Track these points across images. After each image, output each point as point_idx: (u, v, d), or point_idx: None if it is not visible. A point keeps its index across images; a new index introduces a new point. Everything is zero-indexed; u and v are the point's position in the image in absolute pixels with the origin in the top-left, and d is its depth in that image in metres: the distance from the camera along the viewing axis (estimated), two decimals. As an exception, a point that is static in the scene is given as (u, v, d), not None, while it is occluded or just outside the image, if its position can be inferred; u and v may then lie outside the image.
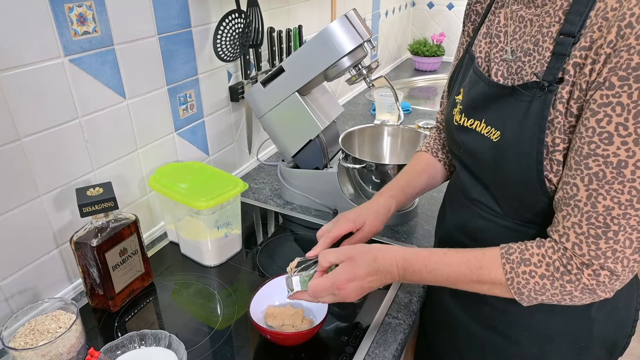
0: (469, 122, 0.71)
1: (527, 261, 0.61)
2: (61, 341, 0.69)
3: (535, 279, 0.60)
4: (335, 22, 0.96)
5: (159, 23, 0.96)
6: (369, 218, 0.80)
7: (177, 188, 0.93)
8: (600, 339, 0.72)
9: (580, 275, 0.58)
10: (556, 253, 0.59)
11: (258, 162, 1.42)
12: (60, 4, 0.77)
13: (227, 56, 1.12)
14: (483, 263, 0.63)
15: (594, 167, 0.54)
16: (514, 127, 0.63)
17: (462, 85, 0.75)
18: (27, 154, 0.78)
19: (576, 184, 0.56)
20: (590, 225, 0.56)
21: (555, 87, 0.58)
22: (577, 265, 0.58)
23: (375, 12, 2.10)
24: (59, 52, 0.79)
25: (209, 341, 0.80)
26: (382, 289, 0.92)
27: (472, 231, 0.77)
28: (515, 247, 0.63)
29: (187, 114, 1.11)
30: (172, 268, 0.99)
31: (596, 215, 0.55)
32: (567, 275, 0.58)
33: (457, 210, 0.82)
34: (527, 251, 0.61)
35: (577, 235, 0.57)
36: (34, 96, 0.77)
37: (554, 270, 0.59)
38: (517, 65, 0.65)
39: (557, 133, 0.59)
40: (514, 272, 0.61)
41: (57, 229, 0.86)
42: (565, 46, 0.57)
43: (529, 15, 0.64)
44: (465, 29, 0.82)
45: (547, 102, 0.59)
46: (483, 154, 0.69)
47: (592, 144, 0.54)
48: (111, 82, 0.90)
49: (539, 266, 0.60)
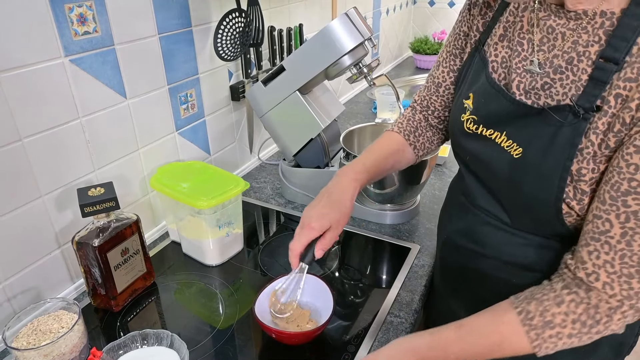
0: (487, 131, 0.67)
1: (551, 323, 0.56)
2: (63, 341, 0.69)
3: (564, 340, 0.56)
4: (335, 20, 0.96)
5: (159, 23, 0.96)
6: (334, 218, 0.74)
7: (178, 187, 0.93)
8: (608, 340, 0.71)
9: (609, 322, 0.55)
10: (579, 306, 0.55)
11: (259, 162, 1.42)
12: (60, 5, 0.77)
13: (228, 55, 1.11)
14: (504, 337, 0.58)
15: (634, 205, 0.51)
16: (538, 148, 0.60)
17: (471, 89, 0.72)
18: (29, 155, 0.78)
19: (610, 219, 0.53)
20: (623, 265, 0.53)
21: (591, 116, 0.55)
22: (605, 312, 0.55)
23: (376, 11, 2.09)
24: (60, 52, 0.79)
25: (211, 340, 0.80)
26: (383, 287, 0.92)
27: (477, 237, 0.75)
28: (532, 309, 0.57)
29: (188, 114, 1.11)
30: (173, 267, 0.99)
31: (631, 254, 0.52)
32: (596, 327, 0.55)
33: (460, 215, 0.80)
34: (547, 312, 0.56)
35: (608, 274, 0.54)
36: (34, 96, 0.77)
37: (581, 327, 0.55)
38: (543, 81, 0.60)
39: (584, 163, 0.56)
40: (540, 339, 0.56)
41: (58, 229, 0.86)
42: (607, 73, 0.53)
43: (560, 27, 0.58)
44: (474, 21, 0.75)
45: (580, 130, 0.55)
46: (499, 166, 0.66)
47: (633, 181, 0.51)
48: (112, 82, 0.90)
49: (564, 326, 0.56)
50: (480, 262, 0.76)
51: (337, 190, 0.77)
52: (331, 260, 1.00)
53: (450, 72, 0.81)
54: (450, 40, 0.81)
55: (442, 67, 0.82)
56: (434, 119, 0.89)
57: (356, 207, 1.12)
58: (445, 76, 0.82)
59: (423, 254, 1.00)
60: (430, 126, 0.90)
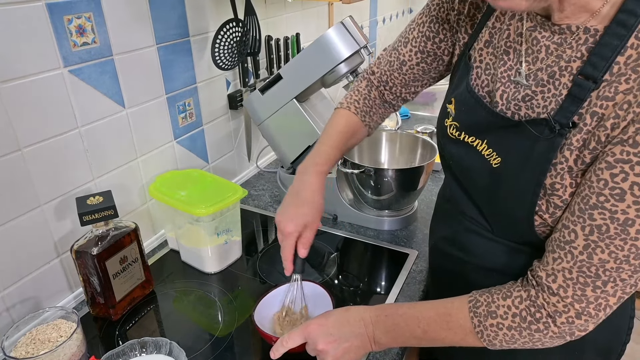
0: (469, 139, 0.67)
1: (494, 314, 0.60)
2: (62, 350, 0.69)
3: (504, 331, 0.60)
4: (331, 29, 0.97)
5: (157, 33, 0.97)
6: (308, 216, 0.76)
7: (177, 196, 0.93)
8: (594, 346, 0.71)
9: (550, 323, 0.57)
10: (523, 302, 0.59)
11: (258, 169, 1.43)
12: (59, 16, 0.78)
13: (226, 65, 1.13)
14: (451, 311, 0.63)
15: (599, 219, 0.52)
16: (515, 160, 0.61)
17: (453, 94, 0.71)
18: (28, 164, 0.79)
19: (575, 230, 0.55)
20: (580, 274, 0.55)
21: (567, 132, 0.55)
22: (547, 313, 0.57)
23: (373, 20, 2.12)
24: (59, 63, 0.80)
25: (210, 348, 0.80)
26: (382, 293, 0.92)
27: (462, 244, 0.76)
28: (482, 299, 0.62)
29: (186, 122, 1.12)
30: (172, 276, 0.99)
31: (589, 265, 0.54)
32: (535, 325, 0.58)
33: (445, 221, 0.81)
34: (493, 304, 0.61)
35: (565, 279, 0.56)
36: (34, 107, 0.78)
37: (520, 321, 0.59)
38: (525, 93, 0.60)
39: (558, 178, 0.57)
40: (482, 325, 0.61)
41: (57, 238, 0.87)
42: (584, 90, 0.53)
43: (545, 40, 0.58)
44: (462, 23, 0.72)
45: (555, 145, 0.56)
46: (480, 174, 0.66)
47: (601, 196, 0.51)
48: (110, 92, 0.91)
49: (505, 318, 0.59)
50: (465, 268, 0.76)
51: (304, 188, 0.78)
52: (330, 266, 1.01)
53: (419, 52, 0.79)
54: (424, 20, 0.77)
55: (410, 45, 0.79)
56: (389, 95, 0.87)
57: (354, 214, 1.12)
58: (412, 56, 0.80)
59: (421, 260, 1.00)
60: (384, 102, 0.89)
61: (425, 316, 0.65)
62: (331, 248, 1.06)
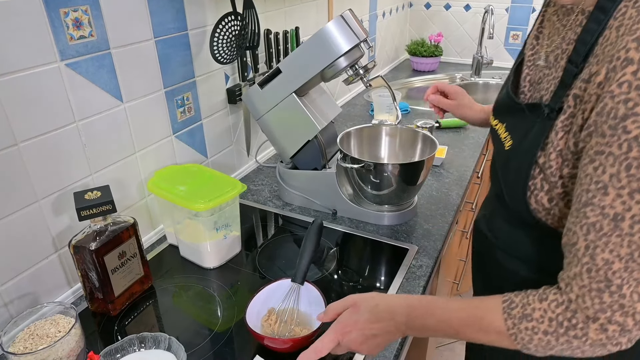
0: (494, 121, 0.71)
1: (529, 317, 0.57)
2: (60, 345, 0.69)
3: (539, 336, 0.56)
4: (331, 22, 0.96)
5: (155, 27, 0.96)
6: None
7: (175, 191, 0.93)
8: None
9: (587, 329, 0.54)
10: (559, 307, 0.56)
11: (257, 164, 1.42)
12: (56, 9, 0.77)
13: (224, 58, 1.12)
14: (485, 313, 0.60)
15: (592, 217, 0.51)
16: (519, 142, 0.62)
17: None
18: (25, 159, 0.78)
19: (576, 232, 0.54)
20: (591, 279, 0.52)
21: (554, 116, 0.56)
22: (582, 319, 0.54)
23: (373, 14, 2.10)
24: (55, 56, 0.79)
25: (209, 343, 0.80)
26: (381, 288, 0.92)
27: (492, 225, 0.77)
28: (517, 301, 0.59)
29: (185, 117, 1.11)
30: (171, 271, 0.98)
31: (596, 268, 0.52)
32: (573, 331, 0.54)
33: (486, 202, 0.84)
34: (528, 306, 0.57)
35: (580, 287, 0.54)
36: (30, 101, 0.77)
37: (557, 326, 0.55)
38: (538, 76, 0.61)
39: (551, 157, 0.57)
40: (516, 328, 0.58)
41: (55, 234, 0.86)
42: (569, 75, 0.54)
43: (557, 22, 0.60)
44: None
45: (547, 126, 0.57)
46: (498, 156, 0.68)
47: (589, 193, 0.51)
48: (108, 86, 0.90)
49: (541, 322, 0.56)
50: (493, 250, 0.77)
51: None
52: (329, 261, 1.00)
53: None
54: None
55: None
56: None
57: (354, 209, 1.12)
58: None
59: (421, 255, 1.00)
60: None
61: (457, 317, 0.62)
62: (330, 243, 1.05)
